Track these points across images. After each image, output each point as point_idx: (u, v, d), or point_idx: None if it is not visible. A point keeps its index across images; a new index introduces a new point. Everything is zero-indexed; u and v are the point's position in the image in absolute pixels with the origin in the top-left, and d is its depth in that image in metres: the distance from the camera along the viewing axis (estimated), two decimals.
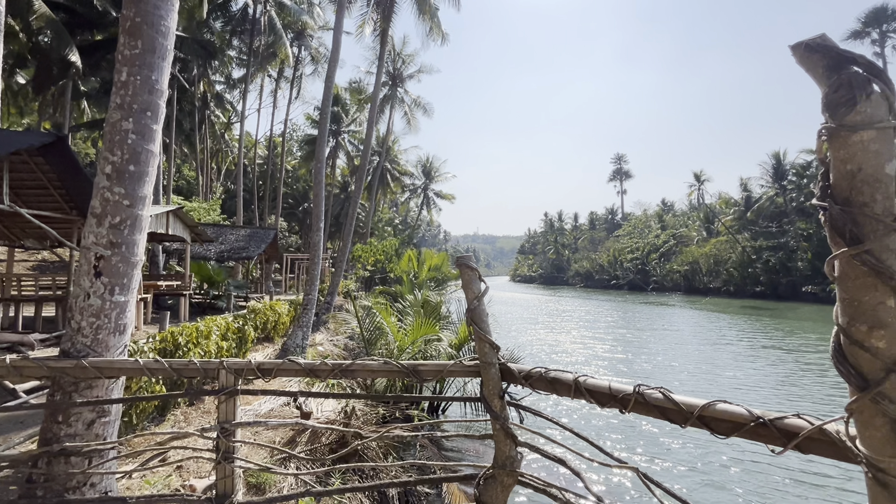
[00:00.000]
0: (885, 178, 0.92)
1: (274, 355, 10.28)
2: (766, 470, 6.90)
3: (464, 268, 2.28)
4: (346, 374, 2.42)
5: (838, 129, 0.93)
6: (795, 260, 42.30)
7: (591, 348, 17.71)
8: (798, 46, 0.97)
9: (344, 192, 44.80)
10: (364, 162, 18.79)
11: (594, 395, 1.80)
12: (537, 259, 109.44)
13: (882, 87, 0.90)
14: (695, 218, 66.97)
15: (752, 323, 26.44)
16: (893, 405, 0.96)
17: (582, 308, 37.72)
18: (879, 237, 0.93)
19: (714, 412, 1.41)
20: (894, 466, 0.98)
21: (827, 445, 1.18)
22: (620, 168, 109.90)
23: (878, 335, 0.96)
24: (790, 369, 14.07)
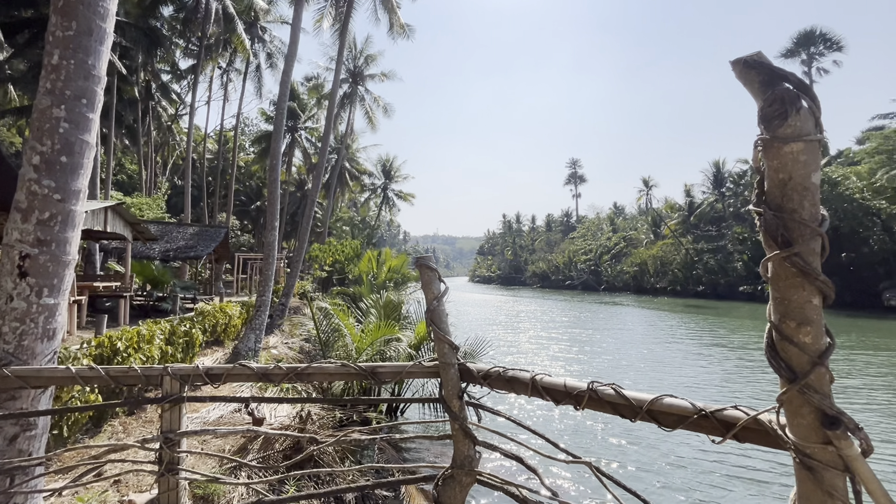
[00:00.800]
0: (812, 186, 1.00)
1: (224, 360, 9.83)
2: (707, 460, 7.35)
3: (423, 268, 2.27)
4: (301, 378, 2.34)
5: (772, 140, 1.00)
6: (733, 262, 45.39)
7: (547, 348, 18.19)
8: (738, 62, 1.04)
9: (300, 191, 43.58)
10: (322, 159, 18.36)
11: (550, 392, 1.84)
12: (496, 260, 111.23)
13: (809, 103, 0.98)
14: (643, 221, 70.38)
15: (695, 321, 28.10)
16: (818, 395, 1.04)
17: (539, 308, 38.68)
18: (806, 241, 1.01)
19: (661, 406, 1.49)
20: (818, 452, 1.07)
21: (761, 434, 1.27)
22: (575, 172, 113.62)
23: (805, 331, 1.04)
24: (731, 364, 15.07)
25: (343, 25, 18.40)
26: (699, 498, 6.16)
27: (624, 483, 1.75)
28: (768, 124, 1.00)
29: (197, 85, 27.16)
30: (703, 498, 6.15)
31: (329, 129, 18.39)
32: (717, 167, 52.55)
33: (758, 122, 1.04)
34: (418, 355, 8.27)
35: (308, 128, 39.12)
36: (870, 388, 11.88)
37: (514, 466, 6.36)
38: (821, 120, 0.99)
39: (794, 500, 1.16)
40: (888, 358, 15.87)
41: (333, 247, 25.52)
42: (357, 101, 37.38)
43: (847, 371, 13.76)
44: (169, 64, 30.15)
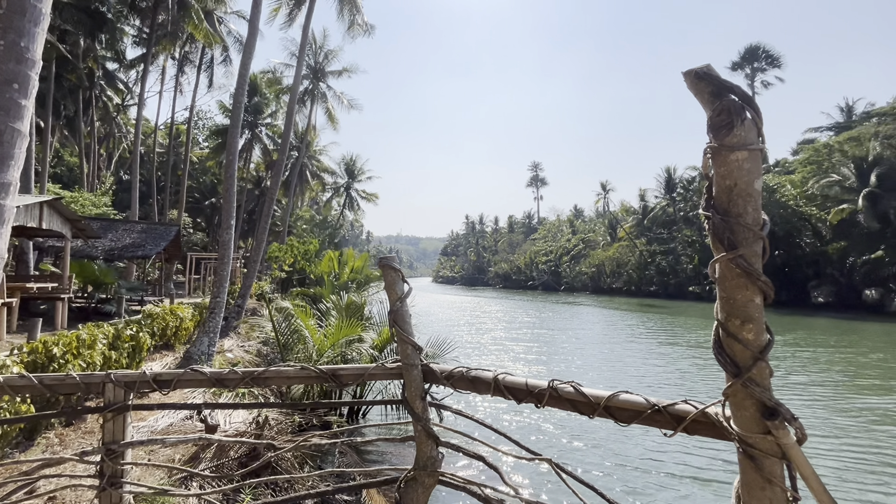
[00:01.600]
0: (755, 192, 1.06)
1: (174, 365, 9.34)
2: (658, 453, 7.70)
3: (387, 269, 2.25)
4: (258, 383, 2.26)
5: (720, 148, 1.06)
6: (682, 263, 47.85)
7: (510, 348, 18.47)
8: (689, 73, 1.09)
9: (259, 188, 42.12)
10: (282, 157, 17.82)
11: (512, 391, 1.87)
12: (459, 260, 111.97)
13: (753, 114, 1.04)
14: (601, 224, 72.95)
15: (649, 320, 29.38)
16: (759, 388, 1.11)
17: (502, 308, 39.24)
18: (750, 244, 1.08)
19: (618, 402, 1.54)
20: (759, 441, 1.14)
21: (708, 427, 1.34)
22: (537, 175, 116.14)
23: (748, 328, 1.11)
24: (683, 361, 15.86)
25: (306, 20, 17.96)
26: (652, 489, 6.44)
27: (582, 478, 1.80)
28: (716, 133, 1.06)
29: (146, 74, 25.67)
30: (655, 489, 6.44)
31: (289, 125, 17.89)
32: (668, 173, 55.25)
33: (707, 131, 1.09)
34: (381, 357, 8.19)
35: (269, 124, 37.87)
36: (805, 380, 12.84)
37: (477, 466, 6.42)
38: (762, 130, 1.06)
39: (738, 488, 1.23)
40: (818, 351, 17.22)
41: (294, 246, 24.81)
42: (318, 98, 36.54)
43: (783, 365, 14.81)
44: (116, 51, 28.33)
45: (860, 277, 31.97)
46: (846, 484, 6.54)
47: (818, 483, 1.13)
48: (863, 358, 16.08)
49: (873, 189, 31.58)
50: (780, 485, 1.14)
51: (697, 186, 49.46)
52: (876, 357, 16.16)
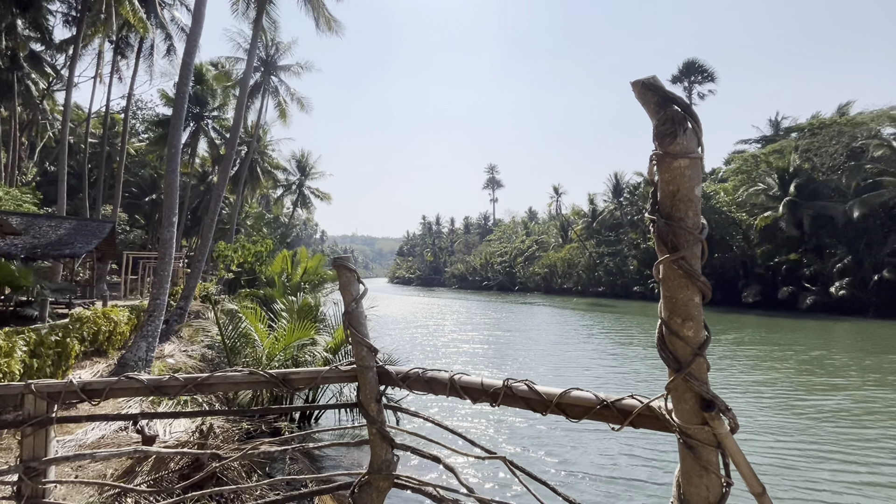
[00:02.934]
0: (695, 198, 1.13)
1: (108, 372, 8.67)
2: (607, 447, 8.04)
3: (342, 269, 2.19)
4: (202, 389, 2.14)
5: (664, 155, 1.12)
6: (628, 264, 50.32)
7: (466, 347, 18.64)
8: (637, 84, 1.15)
9: (204, 184, 40.00)
10: (230, 151, 16.99)
11: (468, 391, 1.88)
12: (415, 261, 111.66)
13: (693, 124, 1.11)
14: (553, 226, 75.29)
15: (598, 319, 30.65)
16: (698, 382, 1.18)
17: (458, 309, 39.54)
18: (690, 246, 1.14)
19: (569, 399, 1.59)
20: (697, 432, 1.21)
21: (652, 420, 1.41)
22: (493, 177, 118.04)
23: (689, 326, 1.17)
24: (630, 357, 16.65)
25: (258, 11, 17.25)
26: (601, 482, 6.71)
27: (535, 475, 1.84)
28: (661, 141, 1.12)
29: (77, 58, 23.62)
30: (604, 482, 6.72)
31: (239, 118, 17.12)
32: (616, 178, 57.94)
33: (653, 139, 1.15)
34: (335, 360, 8.00)
35: (216, 117, 35.99)
36: (737, 373, 13.87)
37: (433, 466, 6.41)
38: (702, 140, 1.13)
39: (678, 476, 1.30)
40: (749, 347, 18.67)
41: (243, 245, 23.73)
42: (270, 92, 35.19)
43: (718, 359, 15.93)
44: (41, 30, 25.88)
45: (781, 278, 35.00)
46: (774, 465, 7.12)
47: (748, 468, 1.22)
48: (782, 351, 17.61)
49: (793, 198, 34.68)
50: (716, 472, 1.22)
51: (642, 192, 52.20)
52: (795, 350, 17.76)
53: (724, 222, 38.89)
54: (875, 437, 8.47)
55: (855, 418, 9.59)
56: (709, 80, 55.70)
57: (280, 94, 35.44)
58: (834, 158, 35.92)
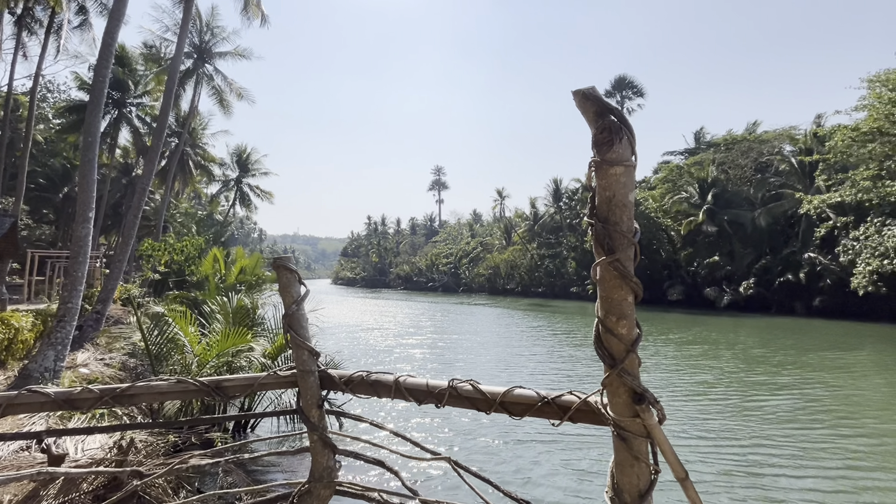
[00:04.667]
0: (629, 203, 1.20)
1: (7, 385, 7.70)
2: (547, 443, 8.35)
3: (282, 270, 2.10)
4: (121, 401, 1.95)
5: (601, 162, 1.18)
6: (566, 266, 52.67)
7: (412, 349, 18.57)
8: (578, 93, 1.20)
9: (127, 177, 36.76)
10: (158, 142, 15.75)
11: (413, 393, 1.87)
12: (360, 262, 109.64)
13: (628, 134, 1.18)
14: (497, 228, 77.12)
15: (539, 318, 31.77)
16: (631, 377, 1.26)
17: (403, 310, 39.32)
18: (624, 249, 1.21)
19: (512, 397, 1.63)
20: (630, 424, 1.28)
21: (590, 414, 1.48)
22: (439, 179, 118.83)
23: (623, 324, 1.25)
24: (570, 355, 17.39)
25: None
26: (542, 476, 6.95)
27: (480, 474, 1.87)
28: (599, 149, 1.18)
29: None
30: (545, 476, 6.96)
31: (168, 107, 15.92)
32: (556, 184, 60.49)
33: (591, 146, 1.21)
34: (274, 366, 7.65)
35: (142, 104, 33.16)
36: (664, 366, 14.95)
37: (378, 471, 6.31)
38: (636, 149, 1.20)
39: (612, 467, 1.37)
40: (672, 343, 20.20)
41: (171, 244, 22.02)
42: (204, 81, 33.04)
43: (644, 354, 17.10)
44: None
45: (701, 279, 38.26)
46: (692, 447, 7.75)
47: (673, 456, 1.31)
48: (699, 347, 19.25)
49: (711, 206, 38.06)
50: (646, 461, 1.30)
51: (580, 197, 54.89)
52: (713, 343, 19.48)
53: (652, 227, 41.89)
54: (776, 411, 9.49)
55: (760, 401, 10.69)
56: (638, 95, 59.72)
57: (216, 83, 33.39)
58: (744, 171, 39.92)
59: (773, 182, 37.26)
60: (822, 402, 10.91)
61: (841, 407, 10.50)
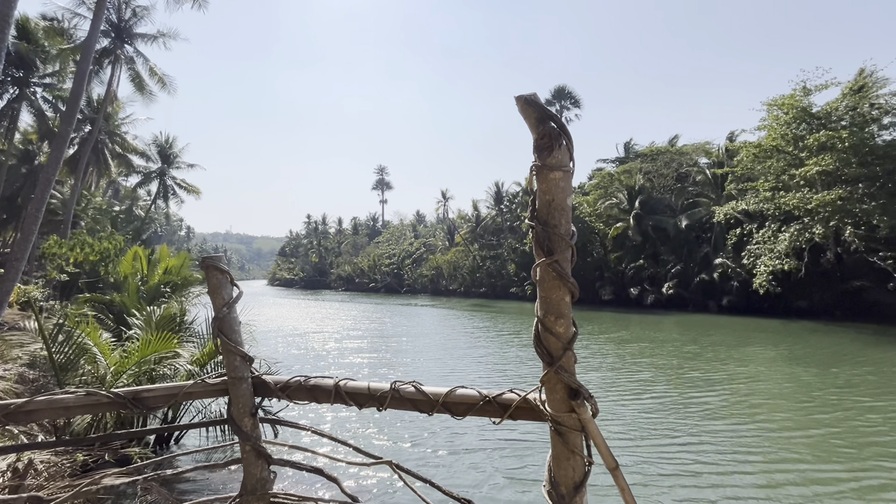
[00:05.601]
0: (567, 207, 1.26)
1: None
2: (487, 441, 8.52)
3: (211, 270, 1.97)
4: (17, 418, 1.72)
5: (542, 167, 1.22)
6: (507, 267, 54.20)
7: (354, 353, 18.18)
8: (520, 99, 1.23)
9: (28, 165, 32.67)
10: (67, 127, 14.15)
11: (354, 397, 1.83)
12: (299, 262, 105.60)
13: (567, 141, 1.23)
14: (440, 229, 77.68)
15: (481, 318, 32.37)
16: (567, 373, 1.31)
17: (345, 312, 38.39)
18: (563, 251, 1.26)
19: (454, 397, 1.64)
20: (566, 419, 1.34)
21: (529, 411, 1.52)
22: (383, 179, 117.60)
23: (560, 323, 1.30)
24: (509, 353, 17.86)
25: None
26: (483, 475, 7.07)
27: (422, 475, 1.86)
28: (540, 154, 1.22)
29: None
30: (486, 474, 7.09)
31: (81, 89, 14.37)
32: (497, 187, 62.07)
33: (533, 151, 1.25)
34: (203, 373, 7.15)
35: (49, 85, 29.63)
36: (595, 361, 15.81)
37: (317, 479, 6.09)
38: (574, 155, 1.26)
39: (549, 461, 1.43)
40: (603, 340, 21.44)
41: (82, 241, 19.85)
42: (123, 63, 30.23)
43: (586, 353, 18.00)
44: None
45: (628, 280, 40.99)
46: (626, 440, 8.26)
47: (605, 447, 1.39)
48: (636, 344, 20.63)
49: (638, 211, 40.92)
50: (580, 454, 1.36)
51: (520, 200, 56.71)
52: (639, 338, 20.94)
53: (586, 231, 44.27)
54: (693, 399, 10.40)
55: (681, 391, 11.65)
56: (575, 105, 62.85)
57: (136, 66, 30.65)
58: (667, 180, 43.38)
59: (691, 191, 40.85)
60: (726, 390, 12.10)
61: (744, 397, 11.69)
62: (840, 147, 25.68)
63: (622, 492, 1.38)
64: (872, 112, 26.44)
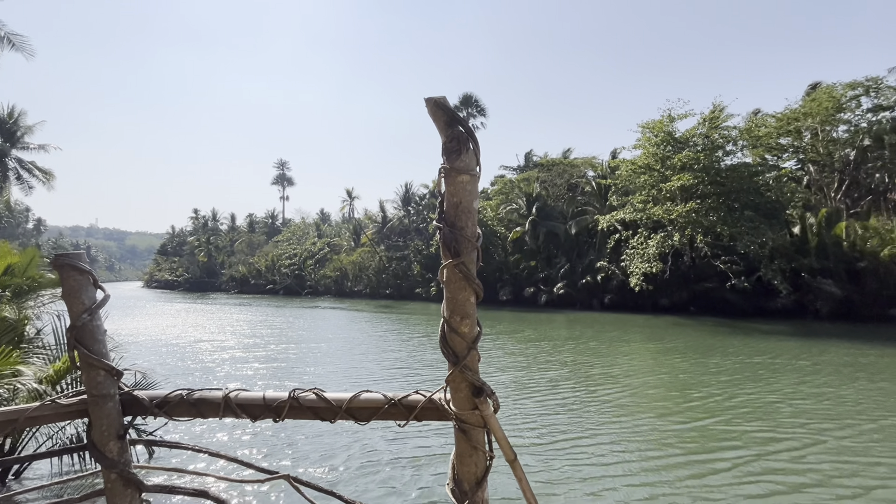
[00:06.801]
0: (473, 210, 1.29)
1: None
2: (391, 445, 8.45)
3: (67, 270, 1.66)
4: None
5: (451, 170, 1.24)
6: (413, 269, 54.55)
7: (251, 363, 16.79)
8: (430, 101, 1.24)
9: None
10: None
11: (247, 409, 1.68)
12: (183, 261, 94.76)
13: (474, 145, 1.27)
14: (346, 229, 75.50)
15: (387, 320, 32.07)
16: (471, 372, 1.35)
17: (240, 317, 35.34)
18: (469, 253, 1.30)
19: (359, 402, 1.59)
20: (469, 416, 1.37)
21: (434, 411, 1.54)
22: (284, 174, 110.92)
23: (466, 323, 1.33)
24: (415, 354, 17.90)
25: None
26: (387, 479, 6.99)
27: (323, 487, 1.77)
28: (449, 156, 1.24)
29: None
30: (388, 478, 7.02)
31: None
32: (406, 188, 62.20)
33: (442, 154, 1.26)
34: (56, 392, 6.05)
35: None
36: (495, 357, 16.58)
37: None
38: (480, 160, 1.30)
39: (453, 459, 1.45)
40: (502, 338, 22.61)
41: None
42: None
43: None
44: None
45: (524, 281, 43.87)
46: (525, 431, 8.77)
47: (505, 440, 1.45)
48: (531, 338, 22.07)
49: (534, 217, 44.03)
50: (483, 449, 1.41)
51: (428, 202, 57.48)
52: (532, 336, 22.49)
53: (489, 234, 46.44)
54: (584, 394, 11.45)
55: (571, 382, 12.75)
56: (481, 114, 65.56)
57: None
58: (560, 189, 47.39)
59: (580, 200, 45.13)
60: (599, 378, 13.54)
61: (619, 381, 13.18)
62: (696, 167, 30.44)
63: (520, 482, 1.45)
64: (719, 140, 31.71)
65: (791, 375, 13.76)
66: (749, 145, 33.30)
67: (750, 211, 29.51)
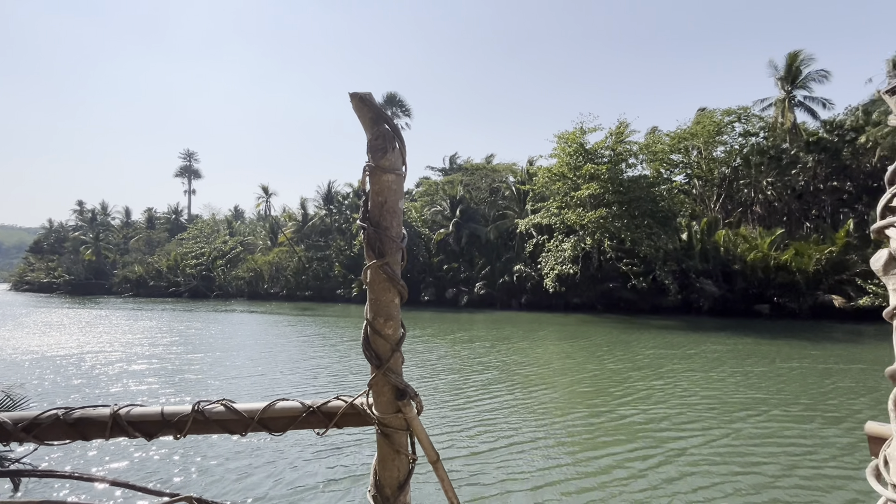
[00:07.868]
0: (399, 210, 1.28)
1: None
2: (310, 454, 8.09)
3: None
4: None
5: (376, 168, 1.21)
6: (334, 269, 52.87)
7: (147, 377, 15.02)
8: (355, 96, 1.20)
9: None
10: None
11: (142, 426, 1.49)
12: (64, 261, 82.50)
13: (400, 144, 1.25)
14: (262, 227, 71.02)
15: (308, 323, 30.65)
16: (395, 374, 1.33)
17: (136, 323, 31.53)
18: (393, 254, 1.28)
19: (274, 412, 1.49)
20: (392, 420, 1.35)
21: (356, 417, 1.49)
22: (190, 166, 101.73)
23: (390, 325, 1.30)
24: (337, 359, 17.28)
25: None
26: (303, 491, 6.67)
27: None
28: (374, 155, 1.21)
29: None
30: (304, 490, 6.70)
31: None
32: (328, 187, 60.08)
33: (367, 152, 1.23)
34: None
35: None
36: (419, 362, 16.61)
37: None
38: (406, 160, 1.28)
39: (375, 464, 1.42)
40: (421, 338, 22.74)
41: None
42: None
43: None
44: None
45: (447, 281, 44.62)
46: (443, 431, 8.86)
47: (427, 442, 1.45)
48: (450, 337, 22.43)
49: (458, 220, 44.96)
50: (406, 452, 1.39)
51: (351, 202, 56.07)
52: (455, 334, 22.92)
53: (415, 236, 46.50)
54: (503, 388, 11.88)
55: (491, 379, 13.18)
56: (406, 114, 65.51)
57: None
58: (482, 193, 48.90)
59: (501, 204, 46.96)
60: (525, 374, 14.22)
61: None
62: (603, 177, 33.17)
63: (442, 482, 1.46)
64: (623, 153, 34.86)
65: (686, 363, 15.58)
66: (647, 159, 37.05)
67: (648, 218, 32.86)
